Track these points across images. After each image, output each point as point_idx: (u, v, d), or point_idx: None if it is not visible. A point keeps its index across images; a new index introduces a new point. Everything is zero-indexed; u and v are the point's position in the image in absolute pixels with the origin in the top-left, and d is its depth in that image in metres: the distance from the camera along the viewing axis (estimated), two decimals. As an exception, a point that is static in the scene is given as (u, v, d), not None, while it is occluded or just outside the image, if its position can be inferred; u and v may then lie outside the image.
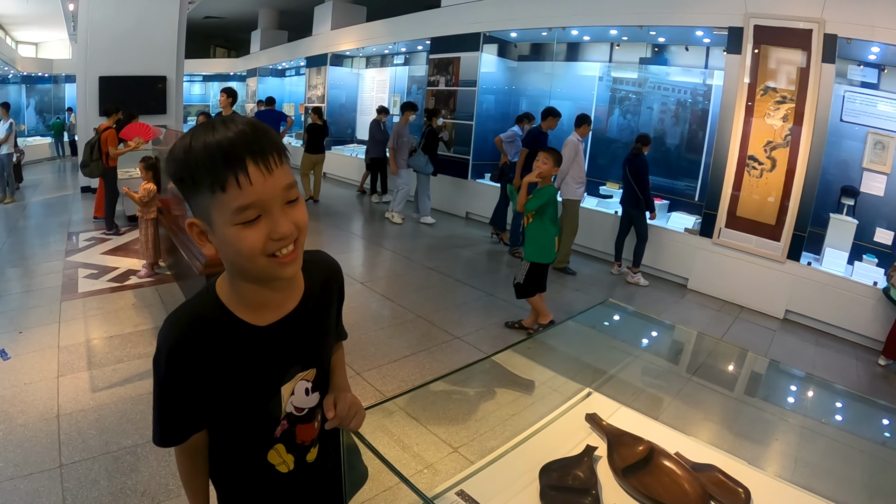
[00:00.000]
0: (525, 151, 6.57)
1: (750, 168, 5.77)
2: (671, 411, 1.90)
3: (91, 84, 9.50)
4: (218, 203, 0.84)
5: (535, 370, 1.63)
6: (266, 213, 0.86)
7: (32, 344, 4.01)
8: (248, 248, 0.86)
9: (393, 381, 3.61)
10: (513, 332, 4.70)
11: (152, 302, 4.94)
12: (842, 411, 1.82)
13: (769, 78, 5.62)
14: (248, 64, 19.25)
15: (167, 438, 1.03)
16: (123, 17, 9.74)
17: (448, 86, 9.56)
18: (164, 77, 10.29)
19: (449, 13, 9.55)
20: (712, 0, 6.04)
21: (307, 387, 1.09)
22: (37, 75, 18.60)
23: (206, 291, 1.02)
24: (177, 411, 1.00)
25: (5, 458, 2.71)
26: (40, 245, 6.70)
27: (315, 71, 14.06)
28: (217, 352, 0.96)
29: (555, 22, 7.82)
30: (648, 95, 8.13)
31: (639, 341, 2.21)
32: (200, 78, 21.87)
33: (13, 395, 3.30)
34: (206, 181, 0.83)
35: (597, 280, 6.32)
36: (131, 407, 3.18)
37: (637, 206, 6.21)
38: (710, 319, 5.49)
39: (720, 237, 6.04)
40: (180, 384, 0.97)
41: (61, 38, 19.39)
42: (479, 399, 1.51)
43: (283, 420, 1.07)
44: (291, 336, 1.03)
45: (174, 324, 0.98)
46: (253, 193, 0.83)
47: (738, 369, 2.18)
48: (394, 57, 13.09)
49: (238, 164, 0.82)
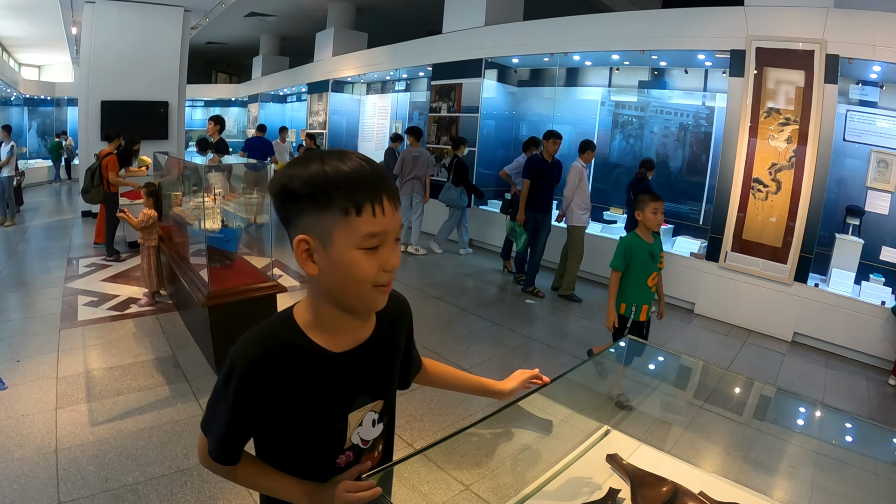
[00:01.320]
0: (528, 183, 6.35)
1: (755, 191, 5.75)
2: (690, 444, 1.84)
3: (93, 108, 9.55)
4: (347, 225, 0.90)
5: (551, 408, 1.58)
6: (384, 245, 0.93)
7: (30, 373, 3.93)
8: (364, 273, 0.92)
9: (401, 416, 3.52)
10: (519, 361, 4.62)
11: (153, 331, 4.87)
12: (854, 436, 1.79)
13: (772, 100, 5.63)
14: (250, 90, 19.38)
15: (225, 457, 1.03)
16: (126, 42, 9.83)
17: (450, 112, 9.59)
18: (167, 102, 10.34)
19: (450, 40, 9.62)
20: (714, 23, 6.09)
21: (374, 418, 1.10)
22: (39, 98, 18.74)
23: (284, 315, 1.04)
24: (241, 433, 1.01)
25: (2, 493, 2.63)
26: (40, 270, 6.66)
27: (316, 97, 14.16)
28: (290, 374, 0.98)
29: (556, 47, 7.87)
30: (650, 119, 8.16)
31: (654, 374, 2.15)
32: (202, 103, 21.99)
33: (10, 427, 3.22)
34: (343, 203, 0.89)
35: (603, 307, 6.18)
36: (132, 442, 3.09)
37: None
38: (718, 345, 5.43)
39: (726, 261, 5.99)
40: (251, 407, 0.98)
41: (64, 61, 19.61)
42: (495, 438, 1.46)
43: (349, 451, 1.07)
44: (363, 365, 1.05)
45: (252, 344, 0.99)
46: (383, 224, 0.91)
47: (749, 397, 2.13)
48: (395, 83, 13.16)
49: (377, 194, 0.90)
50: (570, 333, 5.39)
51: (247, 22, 15.63)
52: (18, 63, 19.70)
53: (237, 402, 0.97)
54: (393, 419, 1.19)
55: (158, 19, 10.12)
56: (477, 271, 7.62)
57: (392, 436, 1.20)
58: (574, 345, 5.06)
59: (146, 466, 2.88)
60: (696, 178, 7.61)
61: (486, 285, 6.97)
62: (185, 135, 10.84)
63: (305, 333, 1.01)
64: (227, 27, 16.26)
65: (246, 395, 0.97)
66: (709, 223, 6.38)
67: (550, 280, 6.91)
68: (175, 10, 10.30)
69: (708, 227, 6.38)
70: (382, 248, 0.93)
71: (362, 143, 14.14)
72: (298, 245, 0.94)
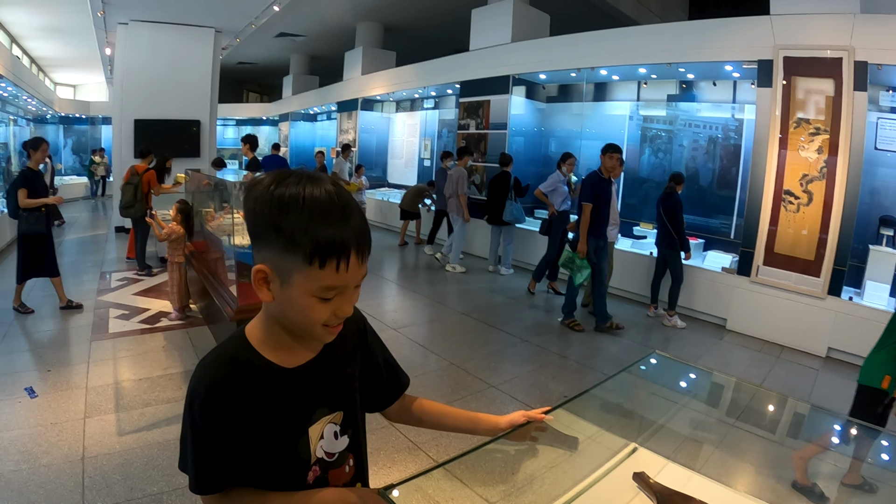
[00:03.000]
0: (589, 207, 5.54)
1: (786, 203, 5.63)
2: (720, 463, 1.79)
3: (126, 126, 9.79)
4: (308, 273, 0.89)
5: (577, 424, 1.55)
6: (341, 294, 0.94)
7: (60, 383, 4.01)
8: (315, 317, 0.93)
9: (426, 433, 3.49)
10: (547, 378, 4.57)
11: (182, 345, 4.93)
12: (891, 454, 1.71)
13: (801, 110, 5.53)
14: (281, 109, 19.67)
15: (205, 486, 1.01)
16: (159, 62, 10.09)
17: (478, 129, 9.63)
18: (198, 121, 10.58)
19: (477, 57, 9.68)
20: (740, 33, 6.02)
21: (335, 430, 1.09)
22: (74, 116, 19.28)
23: (237, 335, 1.05)
24: (215, 457, 0.98)
25: (28, 498, 2.68)
26: (74, 283, 6.80)
27: (346, 115, 14.30)
28: (249, 393, 0.98)
29: (582, 62, 7.86)
30: (679, 133, 8.07)
31: (684, 391, 2.10)
32: (234, 122, 22.42)
33: (38, 435, 3.29)
34: (308, 251, 0.87)
35: (633, 323, 6.14)
36: (158, 453, 3.12)
37: (672, 247, 6.08)
38: (751, 361, 5.30)
39: (758, 275, 5.87)
40: (218, 428, 0.96)
41: (98, 81, 20.18)
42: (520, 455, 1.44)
43: (315, 465, 1.06)
44: (318, 378, 1.05)
45: (208, 367, 1.00)
46: (344, 279, 0.91)
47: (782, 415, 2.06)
48: (424, 101, 13.26)
49: (346, 252, 0.89)
50: (601, 351, 5.30)
51: (277, 42, 15.93)
52: (54, 82, 20.34)
53: (204, 429, 0.96)
54: (360, 433, 1.17)
55: (190, 40, 10.40)
56: (511, 289, 7.60)
57: (361, 451, 1.17)
58: (604, 362, 4.99)
59: (171, 477, 2.89)
60: (726, 191, 7.48)
61: (510, 300, 6.92)
62: (216, 153, 11.03)
63: (258, 351, 1.01)
64: (257, 47, 16.59)
65: (211, 420, 0.96)
66: (740, 237, 6.27)
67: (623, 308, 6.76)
68: (206, 31, 10.57)
69: (739, 241, 6.26)
70: (339, 297, 0.94)
71: (392, 160, 14.25)
72: (256, 274, 0.93)
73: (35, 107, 14.33)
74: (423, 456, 3.24)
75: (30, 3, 11.38)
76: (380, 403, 1.27)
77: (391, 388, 1.27)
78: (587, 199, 5.56)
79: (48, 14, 12.17)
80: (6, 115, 12.11)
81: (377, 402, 1.26)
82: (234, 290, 4.07)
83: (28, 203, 5.36)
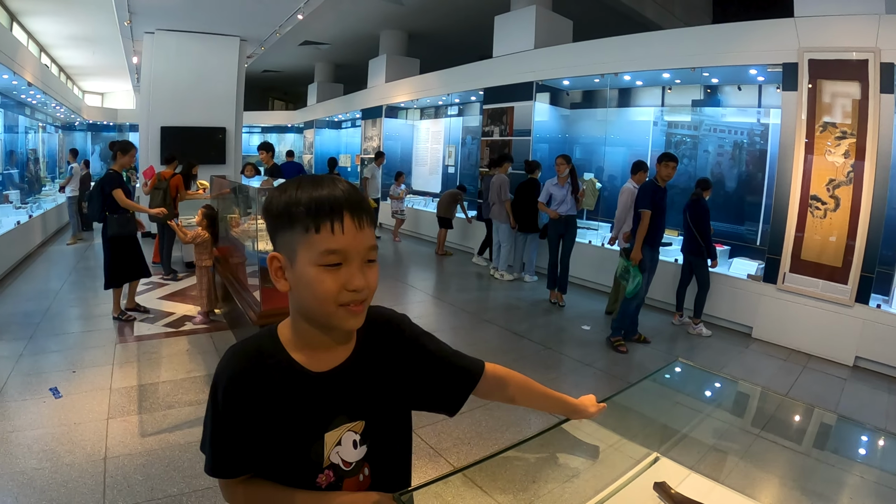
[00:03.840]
0: (648, 214, 5.25)
1: (813, 208, 5.53)
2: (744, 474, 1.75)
3: (153, 133, 9.97)
4: (308, 242, 0.92)
5: (599, 433, 1.53)
6: (347, 264, 0.93)
7: (85, 384, 4.07)
8: (324, 291, 0.93)
9: (448, 439, 3.50)
10: (570, 385, 4.52)
11: (206, 349, 4.98)
12: None
13: (827, 113, 5.43)
14: (306, 116, 19.85)
15: (219, 469, 1.04)
16: (185, 70, 10.27)
17: (502, 135, 9.62)
18: (224, 128, 10.74)
19: (501, 63, 9.68)
20: (765, 37, 5.94)
21: (355, 439, 1.07)
22: (102, 123, 19.65)
23: (268, 330, 1.07)
24: (230, 444, 1.02)
25: (49, 496, 2.72)
26: (100, 286, 6.90)
27: (370, 123, 14.38)
28: (269, 389, 1.00)
29: (606, 68, 7.81)
30: (704, 138, 7.97)
31: (708, 401, 2.06)
32: (259, 129, 22.67)
33: (62, 434, 3.34)
34: (304, 221, 0.92)
35: (658, 331, 6.06)
36: (179, 454, 3.16)
37: (699, 254, 5.98)
38: (776, 370, 5.20)
39: (785, 282, 5.76)
40: (235, 417, 1.00)
41: (126, 89, 20.61)
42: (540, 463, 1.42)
43: (328, 470, 1.05)
44: (341, 385, 1.04)
45: (234, 356, 1.04)
46: (342, 241, 0.92)
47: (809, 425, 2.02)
48: (448, 108, 13.29)
49: (338, 213, 0.92)
50: (625, 358, 5.24)
51: (301, 50, 16.09)
52: (82, 91, 20.79)
53: (222, 414, 1.00)
54: (386, 443, 1.13)
55: (215, 49, 10.57)
56: (533, 296, 7.56)
57: (384, 461, 1.13)
58: (627, 370, 4.93)
59: (192, 479, 2.92)
60: (752, 197, 7.37)
61: (536, 309, 6.88)
62: (242, 160, 11.17)
63: (286, 350, 1.03)
64: (282, 56, 16.76)
65: (229, 407, 1.00)
66: (766, 244, 6.16)
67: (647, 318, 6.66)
68: (231, 40, 10.73)
69: (765, 248, 6.15)
70: (346, 267, 0.94)
71: (416, 167, 14.27)
72: (270, 262, 0.98)
73: (64, 114, 14.64)
74: (443, 462, 3.23)
75: (58, 13, 11.67)
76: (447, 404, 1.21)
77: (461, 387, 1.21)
78: (645, 206, 5.27)
79: (76, 24, 12.47)
80: (35, 122, 12.37)
81: (444, 403, 1.21)
82: (258, 294, 4.10)
83: (127, 204, 5.41)
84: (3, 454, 3.08)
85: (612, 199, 8.33)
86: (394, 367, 1.13)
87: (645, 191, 5.38)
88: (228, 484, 1.06)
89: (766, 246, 6.10)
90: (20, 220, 8.26)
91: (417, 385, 1.15)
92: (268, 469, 1.04)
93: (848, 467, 1.78)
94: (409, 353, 1.15)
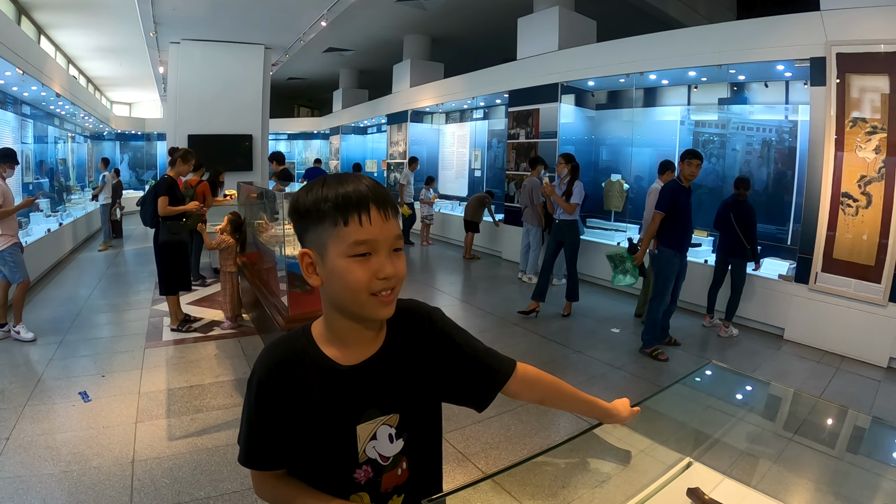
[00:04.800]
0: (660, 216, 5.11)
1: (844, 206, 5.40)
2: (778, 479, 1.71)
3: (181, 142, 10.13)
4: (337, 235, 0.96)
5: (630, 437, 1.50)
6: (375, 254, 0.97)
7: (114, 388, 4.14)
8: (355, 281, 0.96)
9: (476, 444, 3.47)
10: (600, 389, 4.47)
11: (234, 353, 5.03)
12: None
13: (857, 109, 5.30)
14: (331, 122, 19.94)
15: (251, 461, 1.07)
16: (210, 79, 10.44)
17: (528, 138, 9.56)
18: (251, 135, 10.92)
19: (525, 65, 9.64)
20: (791, 32, 5.82)
21: (391, 433, 1.09)
22: (130, 133, 20.04)
23: (302, 327, 1.11)
24: (263, 437, 1.06)
25: (77, 498, 2.76)
26: (130, 292, 7.05)
27: (396, 128, 14.42)
28: (301, 383, 1.04)
29: (631, 67, 7.72)
30: (732, 137, 7.82)
31: (741, 404, 2.02)
32: (285, 136, 22.93)
33: (90, 437, 3.40)
34: (332, 215, 0.96)
35: (687, 333, 5.94)
36: (206, 458, 3.18)
37: (741, 255, 5.84)
38: (809, 372, 5.08)
39: (817, 282, 5.62)
40: (267, 411, 1.04)
41: (153, 98, 20.99)
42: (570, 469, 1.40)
43: (366, 465, 1.07)
44: (372, 378, 1.06)
45: (269, 351, 1.09)
46: (370, 232, 0.95)
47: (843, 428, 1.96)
48: (473, 111, 13.27)
49: (364, 205, 0.96)
50: (654, 361, 5.14)
51: (325, 57, 16.21)
52: (110, 101, 21.22)
53: (257, 407, 1.05)
54: (422, 436, 1.14)
55: (240, 57, 10.74)
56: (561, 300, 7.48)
57: (421, 454, 1.14)
58: (657, 373, 4.86)
59: (219, 482, 2.95)
60: (782, 195, 7.22)
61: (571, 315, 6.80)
62: (268, 167, 11.32)
63: (318, 345, 1.07)
64: (306, 63, 16.89)
65: (263, 401, 1.04)
66: (797, 243, 6.02)
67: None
68: (256, 48, 10.89)
69: (796, 248, 6.02)
70: (375, 257, 0.97)
71: (443, 171, 14.25)
72: (302, 259, 1.02)
73: (92, 124, 14.95)
74: (471, 467, 3.21)
75: (85, 26, 11.94)
76: (476, 398, 1.19)
77: (485, 381, 1.19)
78: (661, 207, 5.10)
79: (102, 35, 12.73)
80: (64, 132, 12.65)
81: (472, 398, 1.20)
82: (286, 299, 4.13)
83: (169, 211, 5.31)
84: (33, 456, 3.14)
85: (639, 200, 8.24)
86: (423, 359, 1.13)
87: (666, 191, 5.18)
88: (260, 476, 1.09)
89: (798, 245, 5.96)
90: (50, 228, 8.45)
91: (446, 378, 1.16)
92: (304, 465, 1.07)
93: (883, 471, 1.73)
94: (439, 347, 1.15)
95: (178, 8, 8.64)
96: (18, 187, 8.66)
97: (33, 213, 8.93)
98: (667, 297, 5.24)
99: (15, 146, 8.43)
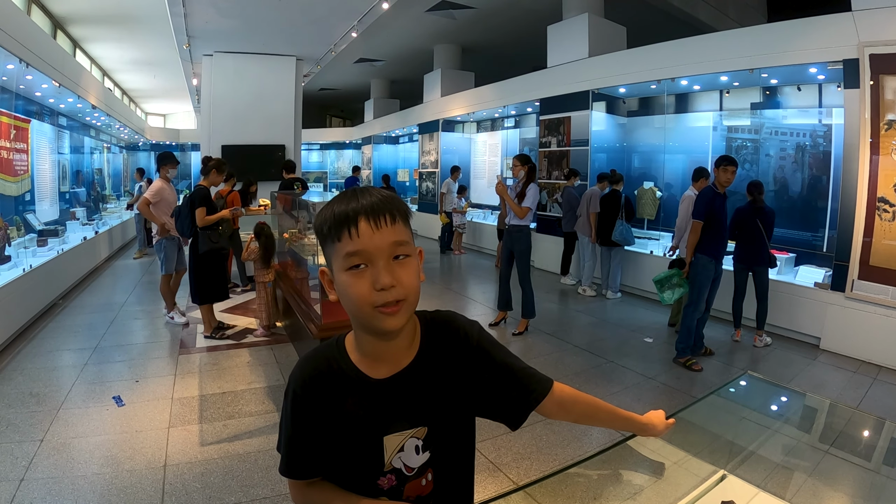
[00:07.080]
0: (699, 225, 4.99)
1: (881, 211, 5.26)
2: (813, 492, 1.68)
3: (214, 152, 10.33)
4: (335, 251, 0.98)
5: (664, 449, 1.48)
6: (371, 264, 0.96)
7: (147, 393, 4.22)
8: (355, 294, 0.96)
9: (508, 454, 3.46)
10: (632, 399, 4.44)
11: (267, 361, 5.09)
12: None
13: (891, 110, 5.16)
14: (363, 132, 20.13)
15: (291, 470, 1.10)
16: (243, 91, 10.66)
17: (560, 146, 9.54)
18: (283, 146, 11.11)
19: (556, 73, 9.63)
20: (822, 34, 5.71)
21: (417, 444, 1.08)
22: (165, 144, 20.50)
23: (336, 339, 1.12)
24: (300, 446, 1.08)
25: (109, 500, 2.82)
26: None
27: (427, 137, 14.51)
28: (333, 394, 1.05)
29: (662, 73, 7.66)
30: (765, 142, 7.67)
31: (776, 416, 1.98)
32: (318, 146, 23.22)
33: (123, 441, 3.47)
34: (331, 234, 0.98)
35: (720, 343, 5.81)
36: (238, 464, 3.22)
37: (765, 263, 5.70)
38: (846, 382, 4.94)
39: (853, 290, 5.47)
40: (302, 421, 1.06)
41: (187, 109, 21.49)
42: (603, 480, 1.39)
43: (390, 474, 1.07)
44: (400, 392, 1.06)
45: (305, 363, 1.11)
46: (358, 243, 0.96)
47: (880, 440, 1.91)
48: (504, 120, 13.26)
49: (353, 220, 0.96)
50: (688, 372, 5.05)
51: (357, 68, 16.41)
52: (145, 112, 21.76)
53: (294, 418, 1.07)
54: (450, 450, 1.13)
55: (272, 68, 10.95)
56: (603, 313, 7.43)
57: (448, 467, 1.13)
58: (690, 384, 4.77)
59: (250, 488, 2.98)
60: (817, 201, 7.04)
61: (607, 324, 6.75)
62: (301, 176, 11.46)
63: (350, 358, 1.08)
64: (338, 73, 17.12)
65: (299, 411, 1.07)
66: (833, 250, 5.87)
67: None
68: (288, 60, 11.09)
69: (832, 255, 5.86)
70: (371, 268, 0.97)
71: (474, 180, 14.25)
72: (321, 276, 1.06)
73: (127, 135, 15.33)
74: (502, 477, 3.20)
75: (119, 39, 12.28)
76: (509, 416, 1.17)
77: (518, 400, 1.16)
78: (698, 216, 4.98)
79: (136, 49, 13.08)
80: (100, 143, 12.99)
81: (506, 415, 1.17)
82: (318, 308, 4.17)
83: (208, 221, 5.38)
84: (66, 459, 3.22)
85: (671, 208, 8.15)
86: (456, 373, 1.12)
87: (702, 198, 5.06)
88: (296, 485, 1.12)
89: (833, 252, 5.82)
90: (86, 236, 8.67)
91: (479, 394, 1.14)
92: (332, 471, 1.09)
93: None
94: (474, 362, 1.13)
95: (211, 21, 8.84)
96: (55, 196, 8.92)
97: (69, 221, 9.18)
98: (701, 305, 5.15)
99: (52, 157, 8.71)
